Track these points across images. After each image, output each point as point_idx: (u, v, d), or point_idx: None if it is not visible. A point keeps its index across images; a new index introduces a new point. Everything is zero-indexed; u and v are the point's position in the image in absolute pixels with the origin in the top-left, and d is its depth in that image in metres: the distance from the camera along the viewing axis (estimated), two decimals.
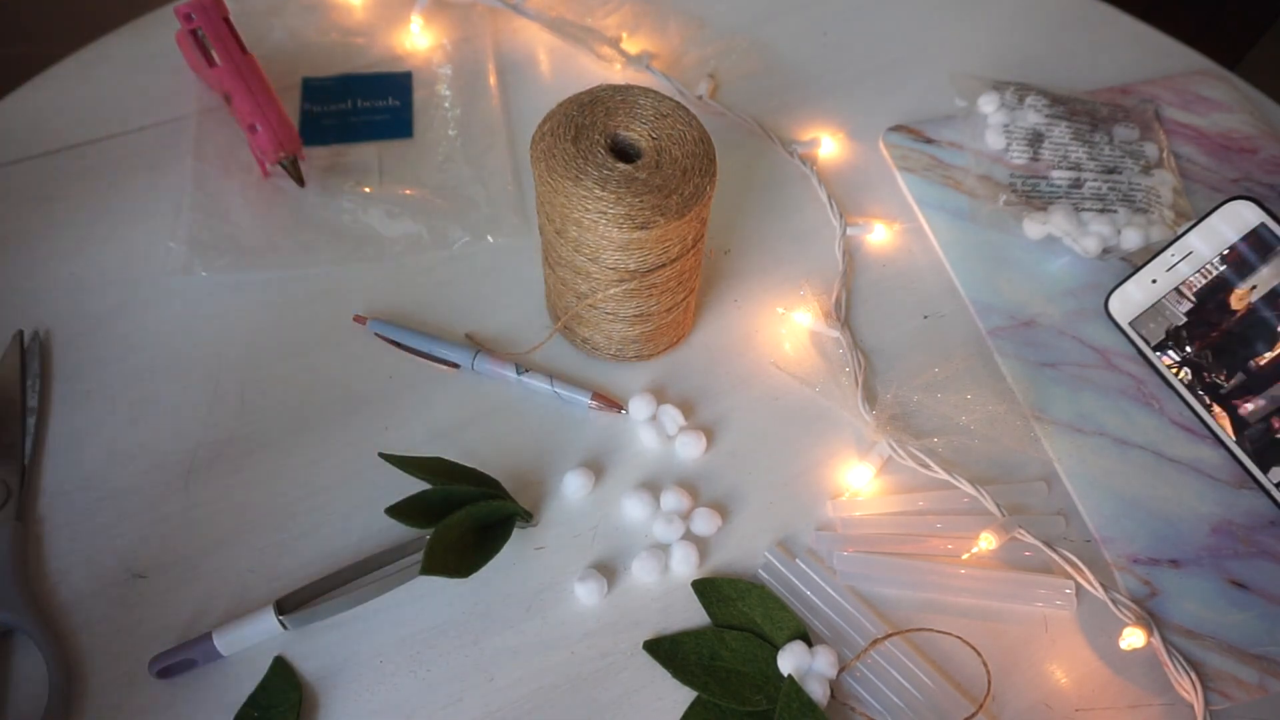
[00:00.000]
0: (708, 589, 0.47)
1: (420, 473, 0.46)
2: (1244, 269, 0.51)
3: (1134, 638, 0.46)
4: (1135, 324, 0.55)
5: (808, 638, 0.45)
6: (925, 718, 0.44)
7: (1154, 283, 0.54)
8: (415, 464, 0.46)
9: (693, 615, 0.46)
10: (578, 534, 0.48)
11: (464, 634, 0.45)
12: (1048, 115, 0.63)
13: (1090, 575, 0.47)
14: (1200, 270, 0.53)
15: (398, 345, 0.54)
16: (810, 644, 0.45)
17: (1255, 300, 0.51)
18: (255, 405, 0.52)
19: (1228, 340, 0.52)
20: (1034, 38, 0.71)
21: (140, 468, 0.49)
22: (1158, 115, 0.65)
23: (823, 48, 0.70)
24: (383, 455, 0.47)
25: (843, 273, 0.58)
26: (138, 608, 0.45)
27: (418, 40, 0.68)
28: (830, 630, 0.46)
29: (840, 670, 0.44)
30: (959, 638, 0.46)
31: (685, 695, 0.44)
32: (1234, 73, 0.69)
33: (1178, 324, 0.53)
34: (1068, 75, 0.68)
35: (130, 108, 0.63)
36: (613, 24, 0.69)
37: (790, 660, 0.44)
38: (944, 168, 0.63)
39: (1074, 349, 0.56)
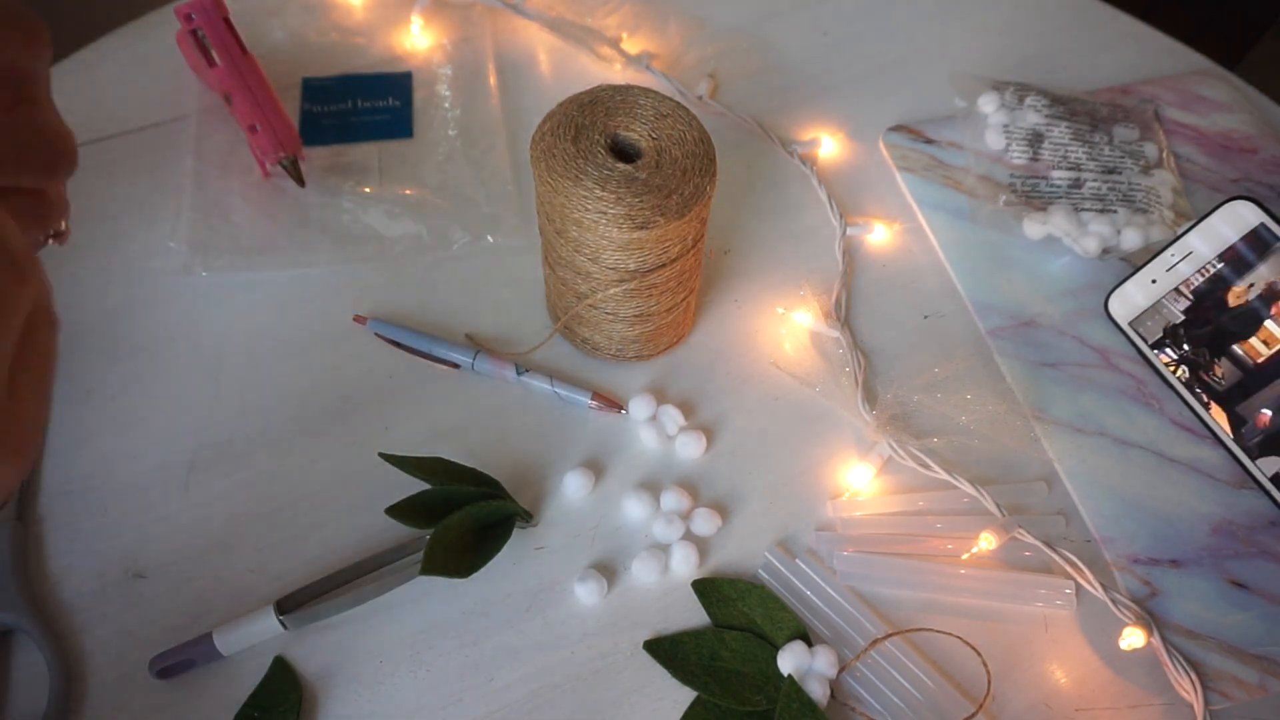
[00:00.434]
0: (708, 589, 0.47)
1: (420, 473, 0.46)
2: (1242, 268, 0.51)
3: (1134, 638, 0.46)
4: (1135, 324, 0.55)
5: (808, 638, 0.45)
6: (925, 718, 0.44)
7: (1154, 283, 0.54)
8: (415, 464, 0.46)
9: (693, 615, 0.46)
10: (578, 534, 0.48)
11: (464, 634, 0.45)
12: (1048, 115, 0.63)
13: (1090, 575, 0.47)
14: (1200, 270, 0.53)
15: (398, 345, 0.54)
16: (810, 644, 0.45)
17: (1252, 298, 0.51)
18: (255, 405, 0.52)
19: (1225, 338, 0.52)
20: (1034, 38, 0.71)
21: (140, 468, 0.49)
22: (1158, 115, 0.65)
23: (823, 48, 0.70)
24: (382, 455, 0.47)
25: (843, 273, 0.58)
26: (138, 608, 0.45)
27: (418, 40, 0.68)
28: (830, 630, 0.46)
29: (840, 670, 0.44)
30: (959, 638, 0.46)
31: (685, 695, 0.44)
32: (1234, 73, 0.69)
33: (1175, 322, 0.53)
34: (1068, 75, 0.68)
35: (130, 108, 0.63)
36: (613, 24, 0.69)
37: (790, 660, 0.44)
38: (944, 168, 0.63)
39: (1074, 349, 0.56)
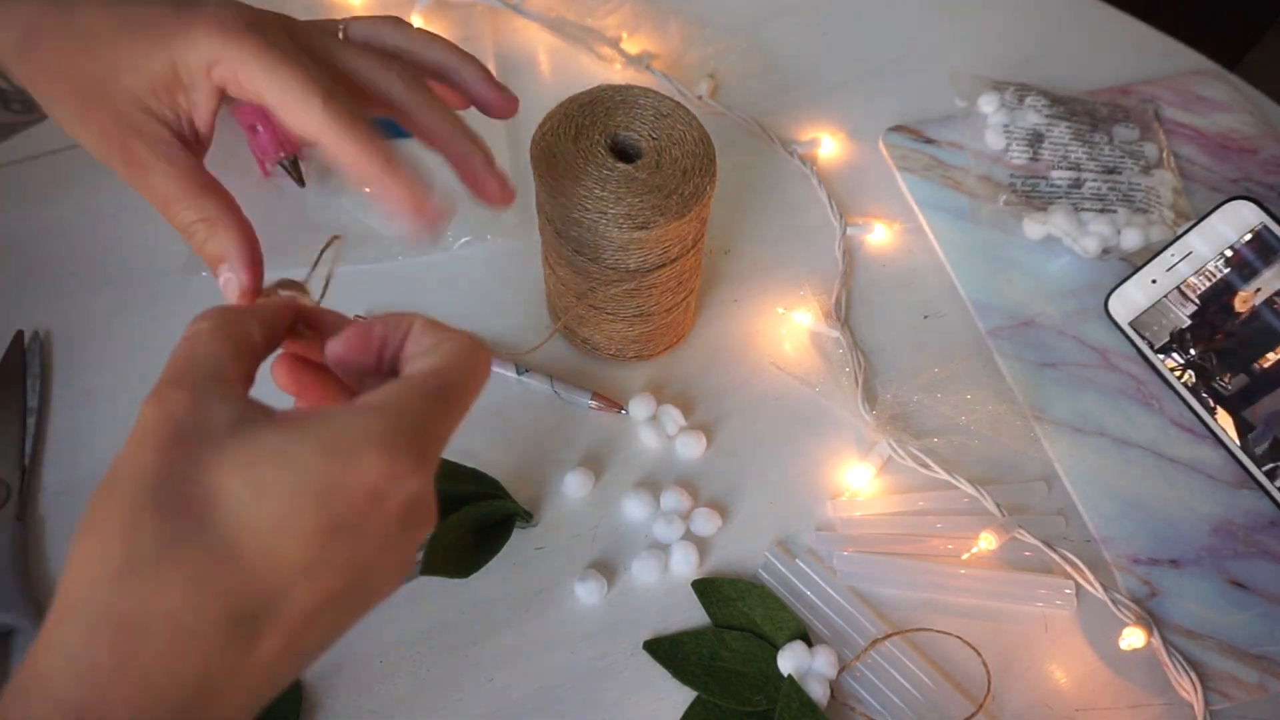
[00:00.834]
0: (708, 589, 0.47)
1: None
2: (1245, 270, 0.51)
3: (1134, 638, 0.46)
4: (1135, 324, 0.55)
5: (808, 638, 0.45)
6: (925, 718, 0.44)
7: (1154, 283, 0.54)
8: None
9: (693, 615, 0.46)
10: (578, 534, 0.48)
11: (464, 634, 0.45)
12: (1048, 115, 0.63)
13: (1090, 575, 0.47)
14: (1200, 270, 0.53)
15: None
16: (810, 644, 0.45)
17: (1259, 303, 0.51)
18: None
19: (1231, 343, 0.52)
20: (1034, 38, 0.71)
21: None
22: (1158, 115, 0.65)
23: (823, 48, 0.70)
24: None
25: (843, 273, 0.58)
26: None
27: None
28: (830, 630, 0.46)
29: (840, 670, 0.44)
30: (959, 638, 0.46)
31: (685, 695, 0.44)
32: (1234, 73, 0.69)
33: (1181, 326, 0.53)
34: (1068, 75, 0.68)
35: None
36: (613, 24, 0.69)
37: (790, 660, 0.44)
38: (944, 168, 0.63)
39: (1074, 349, 0.56)
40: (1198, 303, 0.53)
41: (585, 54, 0.68)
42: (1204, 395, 0.52)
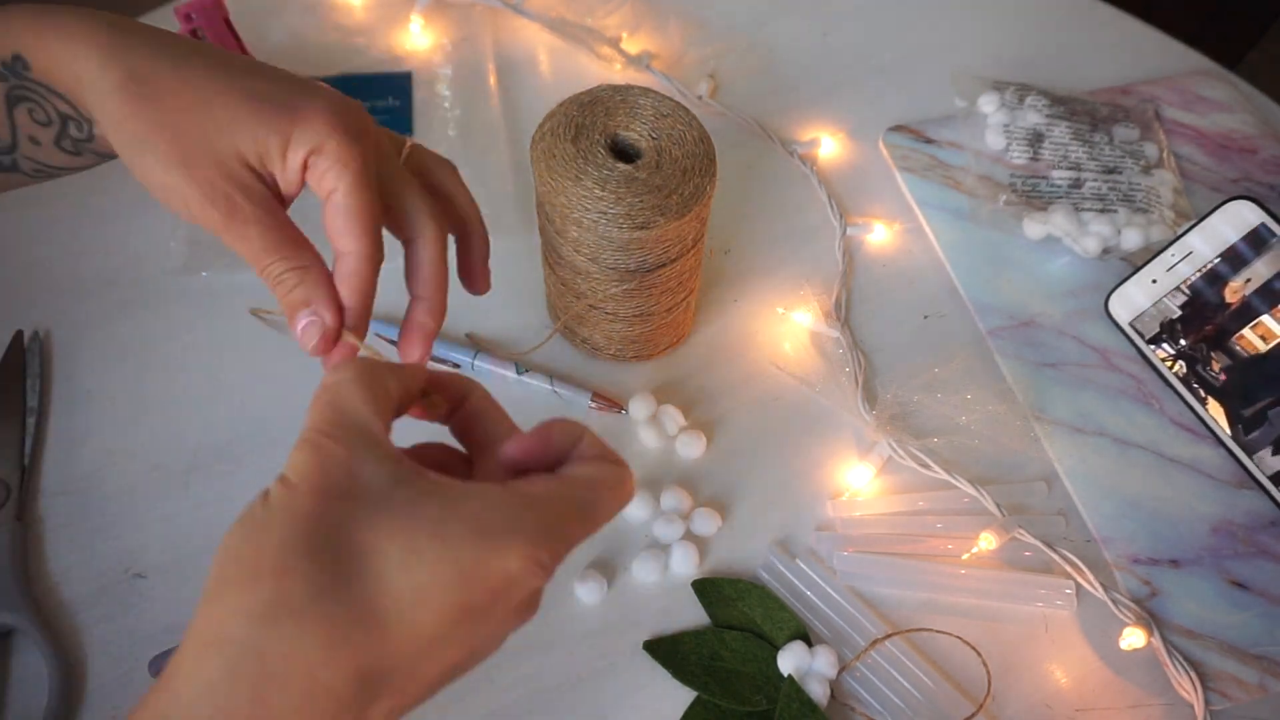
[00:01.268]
0: (708, 589, 0.47)
1: None
2: (1239, 264, 0.51)
3: (1134, 638, 0.46)
4: (1135, 324, 0.55)
5: (808, 638, 0.45)
6: (925, 718, 0.44)
7: (1154, 283, 0.54)
8: None
9: (693, 615, 0.46)
10: None
11: None
12: (1048, 115, 0.63)
13: (1090, 575, 0.47)
14: (1200, 270, 0.53)
15: (398, 345, 0.53)
16: (810, 644, 0.45)
17: (1249, 294, 0.51)
18: (255, 405, 0.52)
19: (1221, 333, 0.52)
20: (1034, 38, 0.71)
21: (140, 468, 0.49)
22: (1158, 115, 0.65)
23: (823, 48, 0.70)
24: None
25: (843, 273, 0.58)
26: (138, 608, 0.45)
27: (418, 40, 0.68)
28: (830, 630, 0.46)
29: (840, 670, 0.44)
30: (959, 638, 0.46)
31: (685, 695, 0.44)
32: (1234, 73, 0.69)
33: (1171, 317, 0.53)
34: (1068, 75, 0.68)
35: None
36: (613, 24, 0.69)
37: (790, 660, 0.44)
38: (944, 168, 0.63)
39: (1074, 349, 0.56)
40: (1188, 294, 0.53)
41: (585, 54, 0.68)
42: (1195, 386, 0.52)
